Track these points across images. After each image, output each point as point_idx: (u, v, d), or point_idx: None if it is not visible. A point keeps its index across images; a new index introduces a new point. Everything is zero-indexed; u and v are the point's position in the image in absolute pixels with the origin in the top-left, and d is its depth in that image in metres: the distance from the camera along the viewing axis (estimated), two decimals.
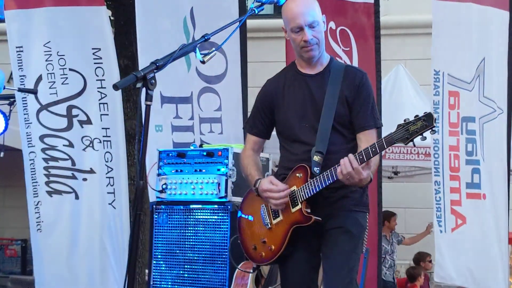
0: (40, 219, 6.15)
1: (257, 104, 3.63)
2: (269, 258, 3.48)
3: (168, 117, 5.83)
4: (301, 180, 3.38)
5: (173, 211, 4.95)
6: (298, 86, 3.51)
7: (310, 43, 3.41)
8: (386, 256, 9.05)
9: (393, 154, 8.35)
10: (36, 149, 6.16)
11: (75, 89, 6.07)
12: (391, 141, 3.09)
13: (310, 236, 3.44)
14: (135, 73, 2.70)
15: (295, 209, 3.38)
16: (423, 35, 10.97)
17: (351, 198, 3.44)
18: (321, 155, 3.35)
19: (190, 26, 5.82)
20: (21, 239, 12.76)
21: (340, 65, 3.59)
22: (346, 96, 3.42)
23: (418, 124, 3.03)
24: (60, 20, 6.09)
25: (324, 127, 3.40)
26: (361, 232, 3.49)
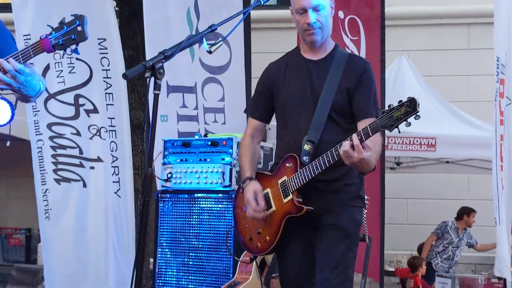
0: (48, 207, 6.20)
1: (258, 87, 3.60)
2: (265, 249, 3.49)
3: (174, 106, 5.88)
4: (291, 170, 3.35)
5: (178, 200, 5.00)
6: (299, 71, 3.46)
7: (312, 26, 3.36)
8: (449, 247, 9.11)
9: (395, 144, 8.36)
10: (44, 137, 6.21)
11: (82, 78, 6.13)
12: (376, 128, 3.04)
13: (306, 229, 3.42)
14: (144, 63, 2.76)
15: (287, 200, 3.37)
16: (426, 26, 11.01)
17: (346, 191, 3.40)
18: (312, 144, 3.31)
19: (194, 16, 5.87)
20: (25, 228, 12.84)
21: (344, 53, 3.52)
22: (347, 84, 3.37)
23: (402, 110, 2.97)
24: (66, 11, 6.11)
25: (319, 115, 3.35)
26: (356, 228, 3.45)
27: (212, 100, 5.89)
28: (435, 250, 9.20)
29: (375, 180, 5.83)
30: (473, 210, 9.23)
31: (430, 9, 10.87)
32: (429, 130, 8.15)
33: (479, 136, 7.49)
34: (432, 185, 10.52)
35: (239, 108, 5.77)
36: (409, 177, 10.31)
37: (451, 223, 9.21)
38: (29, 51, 3.02)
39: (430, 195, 10.55)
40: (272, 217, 3.42)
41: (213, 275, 4.81)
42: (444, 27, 10.87)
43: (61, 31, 2.98)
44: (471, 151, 8.05)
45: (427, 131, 8.13)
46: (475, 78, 10.45)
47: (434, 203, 10.51)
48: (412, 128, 8.55)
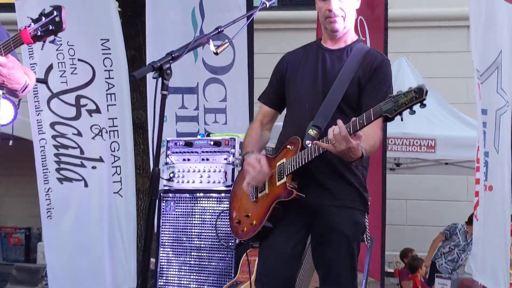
0: (50, 206, 6.24)
1: (272, 75, 3.52)
2: (249, 233, 3.33)
3: (173, 107, 5.91)
4: (292, 152, 3.23)
5: (180, 199, 5.03)
6: (315, 59, 3.38)
7: (334, 14, 3.29)
8: (455, 249, 9.13)
9: (395, 145, 8.40)
10: (47, 136, 6.25)
11: (84, 79, 6.16)
12: (379, 112, 2.89)
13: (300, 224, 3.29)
14: (152, 64, 2.79)
15: (280, 182, 3.22)
16: (426, 28, 11.06)
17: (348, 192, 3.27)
18: (317, 129, 3.19)
19: (199, 17, 5.90)
20: (25, 227, 12.87)
21: (364, 47, 3.42)
22: (360, 77, 3.26)
23: (408, 96, 2.83)
24: (70, 11, 6.11)
25: (329, 103, 3.24)
26: (358, 231, 3.31)
27: (214, 101, 5.92)
28: (441, 250, 9.21)
29: (376, 181, 5.86)
30: None
31: (430, 11, 10.92)
32: (429, 131, 8.19)
33: None
34: (432, 186, 10.55)
35: (241, 109, 5.81)
36: (409, 178, 10.35)
37: (461, 226, 9.20)
38: (10, 43, 2.99)
39: (430, 197, 10.59)
40: (263, 200, 3.30)
41: (214, 274, 4.83)
42: (443, 29, 10.92)
43: (40, 22, 2.95)
44: (470, 153, 8.05)
45: (427, 132, 8.17)
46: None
47: (433, 204, 10.55)
48: (412, 129, 8.67)
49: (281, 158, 3.27)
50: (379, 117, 2.90)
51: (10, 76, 3.05)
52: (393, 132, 8.14)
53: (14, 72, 3.06)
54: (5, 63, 3.00)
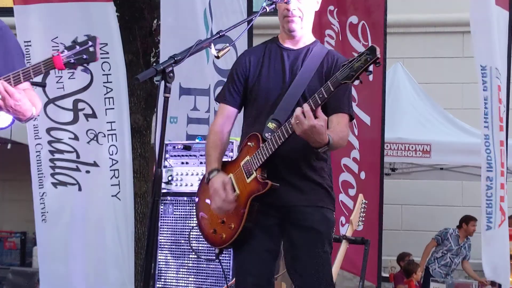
0: (45, 210, 6.24)
1: (231, 73, 3.48)
2: (231, 237, 3.27)
3: (185, 109, 5.91)
4: (253, 148, 3.22)
5: (178, 202, 5.07)
6: (277, 58, 3.37)
7: (292, 14, 3.30)
8: (447, 253, 9.15)
9: (390, 150, 8.45)
10: (43, 141, 6.26)
11: (82, 83, 6.18)
12: (337, 82, 2.92)
13: (272, 224, 3.29)
14: (154, 67, 2.83)
15: (250, 179, 3.21)
16: (421, 34, 11.12)
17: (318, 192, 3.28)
18: (276, 123, 3.19)
19: (209, 18, 5.93)
20: (20, 232, 12.85)
21: (323, 47, 3.46)
22: (325, 72, 3.28)
23: (362, 59, 2.86)
24: (67, 16, 6.19)
25: (290, 97, 3.24)
26: (330, 228, 3.33)
27: None
28: (434, 255, 9.25)
29: (374, 186, 5.90)
30: (473, 218, 9.21)
31: (425, 17, 10.99)
32: (424, 136, 8.25)
33: (474, 143, 7.59)
34: (427, 191, 10.60)
35: None
36: (404, 183, 10.39)
37: (452, 231, 9.24)
38: (40, 66, 3.03)
39: (425, 201, 10.64)
40: (236, 201, 3.23)
41: (212, 277, 4.87)
42: (439, 35, 10.99)
43: (73, 50, 3.03)
44: (465, 158, 8.14)
45: (422, 137, 8.23)
46: (469, 85, 10.54)
47: (428, 209, 10.60)
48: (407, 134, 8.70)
49: (244, 156, 3.26)
50: (338, 86, 2.93)
51: (16, 107, 3.08)
52: (388, 137, 8.17)
53: (21, 105, 3.09)
54: (13, 93, 3.02)
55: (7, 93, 3.00)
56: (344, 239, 4.94)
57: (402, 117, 8.50)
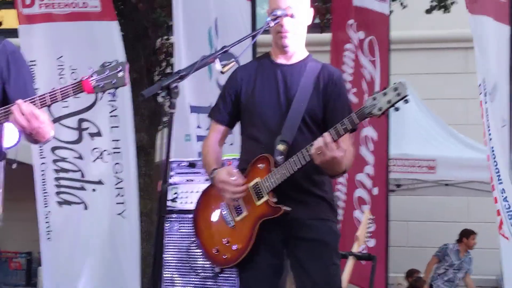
0: (50, 228, 6.25)
1: (223, 91, 3.46)
2: (235, 259, 3.23)
3: (193, 126, 5.93)
4: (264, 170, 3.17)
5: (184, 220, 5.03)
6: (272, 75, 3.33)
7: (285, 29, 3.27)
8: (449, 269, 9.12)
9: (395, 167, 8.44)
10: (47, 160, 6.27)
11: (87, 102, 6.20)
12: (363, 115, 2.92)
13: (275, 240, 3.25)
14: (159, 83, 2.83)
15: (261, 202, 3.17)
16: (424, 50, 11.14)
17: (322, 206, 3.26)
18: (286, 144, 3.17)
19: (214, 36, 5.95)
20: (26, 252, 12.84)
21: (317, 62, 3.40)
22: (322, 89, 3.26)
23: (390, 94, 2.83)
24: (72, 35, 6.23)
25: (293, 116, 3.21)
26: (336, 240, 3.31)
27: None
28: (436, 272, 9.23)
29: (380, 201, 5.90)
30: (473, 232, 9.25)
31: (428, 34, 11.01)
32: (429, 152, 8.25)
33: (479, 159, 7.57)
34: (432, 207, 10.57)
35: None
36: (409, 200, 10.36)
37: (452, 246, 9.25)
38: (69, 90, 3.06)
39: (430, 218, 10.61)
40: (243, 223, 3.21)
41: None
42: (442, 51, 11.01)
43: (103, 74, 3.05)
44: (470, 174, 8.13)
45: (427, 153, 8.22)
46: (473, 101, 10.53)
47: (434, 225, 10.57)
48: (411, 151, 8.70)
49: (253, 178, 3.21)
50: (363, 119, 2.95)
51: (39, 130, 3.08)
52: (393, 154, 8.15)
53: (44, 127, 3.09)
54: (38, 116, 3.01)
55: (34, 115, 2.99)
56: (351, 255, 4.92)
57: (407, 133, 8.50)
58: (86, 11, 6.18)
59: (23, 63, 3.40)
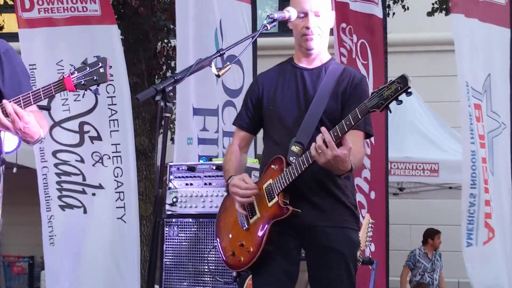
0: (53, 233, 6.23)
1: (246, 97, 3.46)
2: (249, 261, 3.20)
3: (196, 129, 5.88)
4: (277, 171, 3.16)
5: (183, 224, 5.02)
6: (292, 78, 3.32)
7: (311, 31, 3.23)
8: (424, 274, 9.07)
9: (398, 170, 8.41)
10: (49, 164, 6.26)
11: (87, 105, 6.19)
12: (365, 109, 2.86)
13: (291, 247, 3.22)
14: (154, 86, 2.81)
15: (272, 203, 3.15)
16: (427, 52, 11.10)
17: (341, 211, 3.21)
18: (300, 146, 3.13)
19: (219, 37, 5.93)
20: (28, 256, 12.84)
21: (339, 65, 3.40)
22: (341, 92, 3.22)
23: (392, 87, 2.78)
24: (72, 39, 6.22)
25: (310, 118, 3.18)
26: (354, 249, 3.26)
27: (229, 124, 5.93)
28: (413, 280, 9.18)
29: (380, 205, 5.87)
30: (437, 231, 9.20)
31: (431, 36, 10.98)
32: (432, 155, 8.21)
33: None
34: (435, 210, 10.52)
35: None
36: (412, 203, 10.32)
37: (418, 250, 9.21)
38: (50, 88, 3.04)
39: (434, 221, 10.54)
40: (256, 225, 3.19)
41: None
42: (445, 53, 10.93)
43: (84, 71, 3.02)
44: None
45: (429, 156, 8.19)
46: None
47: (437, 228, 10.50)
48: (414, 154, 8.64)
49: (267, 179, 3.21)
50: (366, 114, 2.89)
51: (25, 130, 3.07)
52: (396, 157, 8.14)
53: (30, 127, 3.09)
54: (22, 116, 3.02)
55: (17, 116, 2.99)
56: None
57: (409, 136, 8.47)
58: (85, 15, 6.17)
59: (18, 62, 3.39)
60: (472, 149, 5.73)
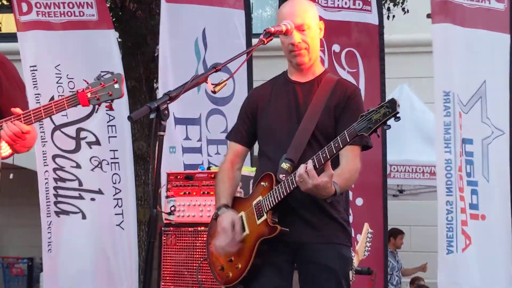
0: (51, 239, 6.20)
1: (241, 112, 3.43)
2: (236, 278, 3.19)
3: (179, 138, 5.91)
4: (266, 188, 3.13)
5: (181, 233, 4.98)
6: (285, 93, 3.29)
7: (297, 47, 3.21)
8: (393, 273, 9.03)
9: (398, 173, 8.39)
10: (49, 168, 6.25)
11: (85, 111, 6.16)
12: (353, 133, 2.82)
13: (283, 262, 3.20)
14: (149, 105, 2.77)
15: (261, 221, 3.12)
16: (427, 53, 11.00)
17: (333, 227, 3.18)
18: (290, 162, 3.10)
19: (202, 47, 5.91)
20: (27, 258, 12.81)
21: (332, 77, 3.33)
22: (334, 106, 3.19)
23: (381, 111, 2.75)
24: (69, 44, 6.20)
25: (302, 133, 3.15)
26: (346, 266, 3.23)
27: (215, 132, 5.92)
28: None
29: (377, 209, 5.83)
30: (401, 231, 9.20)
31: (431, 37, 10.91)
32: (432, 158, 8.15)
33: None
34: (435, 212, 10.46)
35: None
36: (412, 205, 10.28)
37: None
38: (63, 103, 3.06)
39: (434, 222, 10.49)
40: (245, 242, 3.16)
41: None
42: None
43: (98, 86, 3.04)
44: None
45: (429, 158, 8.14)
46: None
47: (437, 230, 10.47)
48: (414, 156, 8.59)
49: (256, 196, 3.18)
50: (354, 138, 2.85)
51: (22, 144, 3.15)
52: (395, 159, 8.11)
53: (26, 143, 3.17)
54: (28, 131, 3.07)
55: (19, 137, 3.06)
56: None
57: (409, 139, 8.42)
58: (82, 19, 6.16)
59: (14, 74, 3.40)
60: (447, 157, 5.73)
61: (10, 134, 3.01)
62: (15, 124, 3.03)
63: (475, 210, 5.80)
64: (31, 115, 3.06)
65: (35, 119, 3.07)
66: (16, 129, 3.02)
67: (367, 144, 3.19)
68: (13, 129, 3.01)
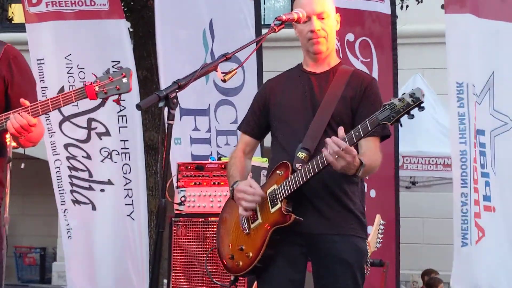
0: (69, 226, 6.22)
1: (253, 103, 3.41)
2: (247, 266, 3.14)
3: (187, 129, 5.89)
4: (282, 177, 3.08)
5: (191, 224, 4.97)
6: (300, 83, 3.26)
7: (317, 34, 3.17)
8: None
9: (410, 164, 8.33)
10: (61, 157, 6.25)
11: (95, 101, 6.13)
12: (376, 121, 2.78)
13: (297, 254, 3.15)
14: (157, 93, 2.75)
15: (274, 209, 3.07)
16: (440, 44, 10.92)
17: (349, 219, 3.12)
18: (307, 152, 3.07)
19: (209, 38, 5.88)
20: (40, 247, 12.87)
21: (348, 68, 3.31)
22: (350, 97, 3.15)
23: (404, 101, 2.71)
24: (80, 34, 6.17)
25: (318, 123, 3.12)
26: (361, 258, 3.18)
27: (225, 123, 5.89)
28: None
29: (389, 201, 5.78)
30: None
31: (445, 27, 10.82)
32: (445, 149, 8.09)
33: None
34: (448, 204, 10.39)
35: None
36: (425, 196, 10.23)
37: None
38: (71, 96, 3.07)
39: (446, 215, 10.41)
40: (257, 230, 3.12)
41: None
42: None
43: (106, 80, 3.04)
44: None
45: (442, 150, 8.08)
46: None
47: (450, 222, 10.39)
48: (427, 148, 8.53)
49: (271, 185, 3.14)
50: (376, 126, 2.81)
51: (28, 137, 3.15)
52: (408, 151, 8.05)
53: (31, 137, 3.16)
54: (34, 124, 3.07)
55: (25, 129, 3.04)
56: None
57: (422, 130, 8.36)
58: (94, 9, 6.12)
59: (26, 68, 3.39)
60: (462, 148, 5.66)
61: (17, 126, 2.99)
62: (22, 116, 3.00)
63: (488, 202, 5.73)
64: (39, 107, 3.05)
65: (42, 111, 3.06)
66: (23, 121, 3.00)
67: (387, 133, 3.14)
68: (20, 120, 2.99)
